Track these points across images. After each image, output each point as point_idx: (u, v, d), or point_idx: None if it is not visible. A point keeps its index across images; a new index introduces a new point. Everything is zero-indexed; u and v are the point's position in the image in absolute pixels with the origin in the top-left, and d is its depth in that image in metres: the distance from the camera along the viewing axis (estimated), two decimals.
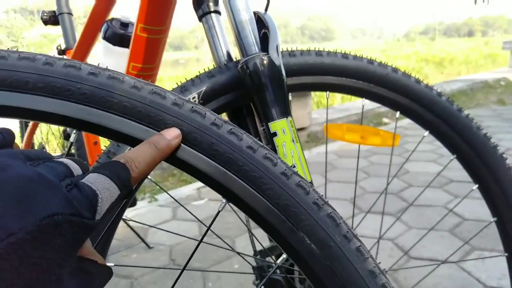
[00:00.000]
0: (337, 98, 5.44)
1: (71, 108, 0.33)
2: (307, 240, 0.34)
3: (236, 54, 0.66)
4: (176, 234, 0.56)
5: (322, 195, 0.36)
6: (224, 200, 0.36)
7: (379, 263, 0.35)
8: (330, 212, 0.35)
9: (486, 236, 1.58)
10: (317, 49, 0.67)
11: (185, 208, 0.68)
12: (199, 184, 2.35)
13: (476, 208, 1.82)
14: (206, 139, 0.34)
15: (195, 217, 0.63)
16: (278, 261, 0.36)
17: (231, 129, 0.35)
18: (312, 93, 4.65)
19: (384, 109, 4.24)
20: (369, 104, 4.58)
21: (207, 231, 0.36)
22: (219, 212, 0.36)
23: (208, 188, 2.47)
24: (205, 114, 0.35)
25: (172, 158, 0.34)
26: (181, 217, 1.92)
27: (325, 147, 1.06)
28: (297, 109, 3.35)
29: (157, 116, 0.34)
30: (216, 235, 0.41)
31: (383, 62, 0.70)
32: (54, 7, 1.19)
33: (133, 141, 0.34)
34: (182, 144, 0.34)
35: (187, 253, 1.58)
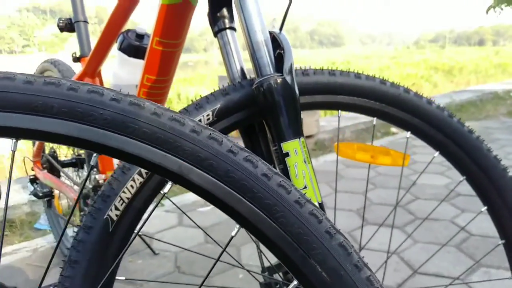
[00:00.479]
0: None
1: (93, 133, 0.34)
2: (318, 268, 0.35)
3: (249, 68, 0.67)
4: (185, 249, 0.57)
5: (335, 224, 0.36)
6: (238, 226, 0.37)
7: None
8: (342, 241, 0.36)
9: (493, 253, 1.56)
10: (330, 68, 0.68)
11: (191, 219, 0.69)
12: None
13: (483, 223, 1.81)
14: (222, 166, 0.35)
15: (199, 227, 0.64)
16: None
17: (247, 156, 0.36)
18: None
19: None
20: None
21: (222, 252, 0.37)
22: (232, 237, 0.36)
23: None
24: (222, 141, 0.36)
25: (189, 183, 0.35)
26: (187, 223, 1.92)
27: (336, 164, 1.06)
28: (305, 116, 3.35)
29: (175, 143, 0.35)
30: (229, 254, 0.42)
31: (395, 83, 0.70)
32: (66, 7, 1.20)
33: (152, 166, 0.35)
34: (198, 170, 0.35)
35: (192, 260, 1.59)
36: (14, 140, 0.34)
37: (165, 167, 0.35)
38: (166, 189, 0.37)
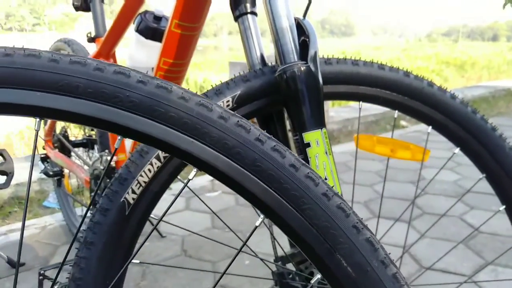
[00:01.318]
0: None
1: (119, 115, 0.33)
2: (344, 263, 0.34)
3: (268, 55, 0.66)
4: (194, 233, 0.56)
5: (362, 218, 0.35)
6: (262, 216, 0.36)
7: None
8: (369, 237, 0.35)
9: (501, 251, 1.56)
10: (353, 58, 0.66)
11: (205, 204, 0.68)
12: None
13: (492, 221, 1.79)
14: (250, 154, 0.34)
15: (213, 212, 0.64)
16: (312, 281, 0.36)
17: (274, 145, 0.35)
18: None
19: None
20: None
21: (243, 246, 0.36)
22: (256, 227, 0.36)
23: None
24: (250, 129, 0.35)
25: (215, 171, 0.34)
26: (195, 207, 1.93)
27: (355, 159, 1.04)
28: None
29: (203, 129, 0.34)
30: (249, 247, 0.41)
31: (419, 75, 0.68)
32: None
33: (178, 151, 0.34)
34: (225, 158, 0.34)
35: (199, 244, 1.60)
36: (38, 119, 0.34)
37: (191, 153, 0.34)
38: (191, 175, 0.36)
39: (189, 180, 0.36)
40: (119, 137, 0.35)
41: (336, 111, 4.14)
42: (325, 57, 0.64)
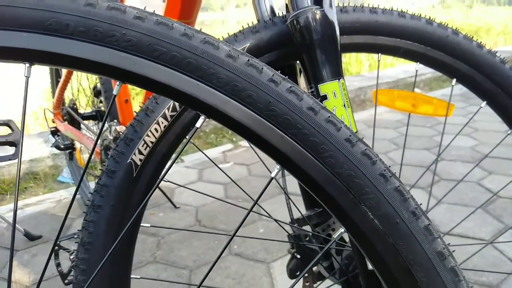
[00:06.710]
0: (364, 66, 5.21)
1: (114, 56, 0.30)
2: (370, 215, 0.31)
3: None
4: (210, 196, 0.54)
5: (390, 166, 0.32)
6: (278, 166, 0.32)
7: (449, 244, 0.31)
8: (398, 186, 0.31)
9: None
10: (371, 5, 0.61)
11: (224, 173, 0.66)
12: (224, 147, 2.34)
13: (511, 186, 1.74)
14: (263, 97, 0.31)
15: (227, 175, 0.61)
16: (335, 236, 0.33)
17: (290, 87, 0.31)
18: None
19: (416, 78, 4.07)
20: (400, 73, 4.39)
21: (254, 204, 0.33)
22: (272, 179, 0.32)
23: (233, 152, 2.41)
24: (262, 69, 0.31)
25: (224, 117, 0.31)
26: (207, 179, 1.92)
27: (374, 113, 1.00)
28: None
29: (209, 70, 0.30)
30: (261, 207, 0.38)
31: (443, 23, 0.63)
32: None
33: (182, 96, 0.31)
34: (235, 102, 0.31)
35: (213, 214, 1.59)
36: (27, 65, 0.30)
37: (197, 97, 0.30)
38: (198, 123, 0.32)
39: (196, 128, 0.33)
40: (117, 83, 0.31)
41: (348, 80, 4.04)
42: (340, 4, 0.59)
